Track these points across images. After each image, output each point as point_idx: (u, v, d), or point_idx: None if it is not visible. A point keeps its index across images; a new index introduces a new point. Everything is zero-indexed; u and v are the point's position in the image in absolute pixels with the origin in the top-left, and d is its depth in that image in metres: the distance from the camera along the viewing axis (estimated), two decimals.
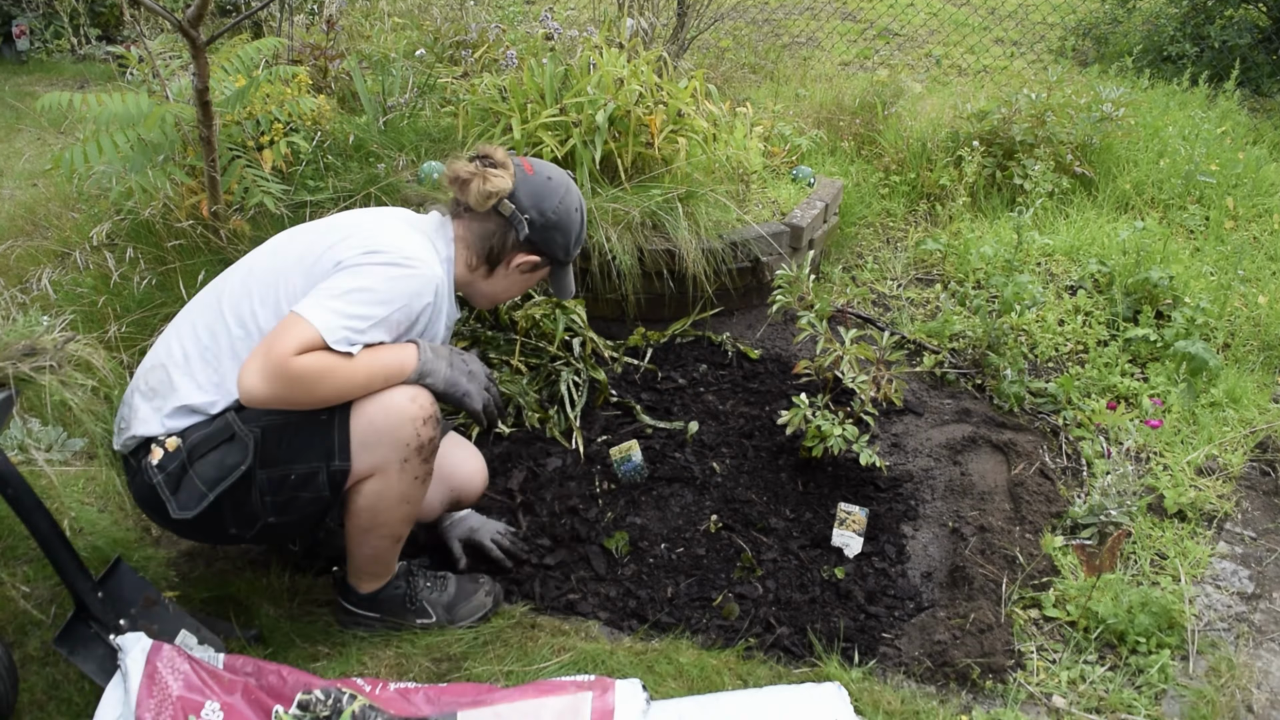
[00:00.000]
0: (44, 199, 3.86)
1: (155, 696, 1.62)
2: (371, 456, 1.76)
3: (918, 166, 4.26)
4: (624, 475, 2.56)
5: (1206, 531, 2.39)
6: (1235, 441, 2.71)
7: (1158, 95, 4.95)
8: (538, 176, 1.95)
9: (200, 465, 1.75)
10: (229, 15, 5.92)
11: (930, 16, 7.25)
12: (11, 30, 6.31)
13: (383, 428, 1.74)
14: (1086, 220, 3.92)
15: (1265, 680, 1.96)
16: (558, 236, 1.97)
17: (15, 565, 2.16)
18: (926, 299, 3.55)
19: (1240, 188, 4.09)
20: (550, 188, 1.95)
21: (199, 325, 1.83)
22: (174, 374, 1.80)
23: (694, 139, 3.37)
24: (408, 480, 1.81)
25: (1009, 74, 5.84)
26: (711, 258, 3.21)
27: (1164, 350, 3.05)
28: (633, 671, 1.92)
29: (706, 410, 2.86)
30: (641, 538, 2.39)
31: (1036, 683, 1.96)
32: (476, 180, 1.89)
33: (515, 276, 2.01)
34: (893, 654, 2.06)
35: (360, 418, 1.74)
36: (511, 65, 3.64)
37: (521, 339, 2.90)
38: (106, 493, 2.38)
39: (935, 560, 2.36)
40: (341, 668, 1.94)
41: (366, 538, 1.90)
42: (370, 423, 1.74)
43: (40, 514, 1.70)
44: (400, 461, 1.77)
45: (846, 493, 2.55)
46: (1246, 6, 5.81)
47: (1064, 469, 2.64)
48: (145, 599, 1.88)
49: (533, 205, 1.92)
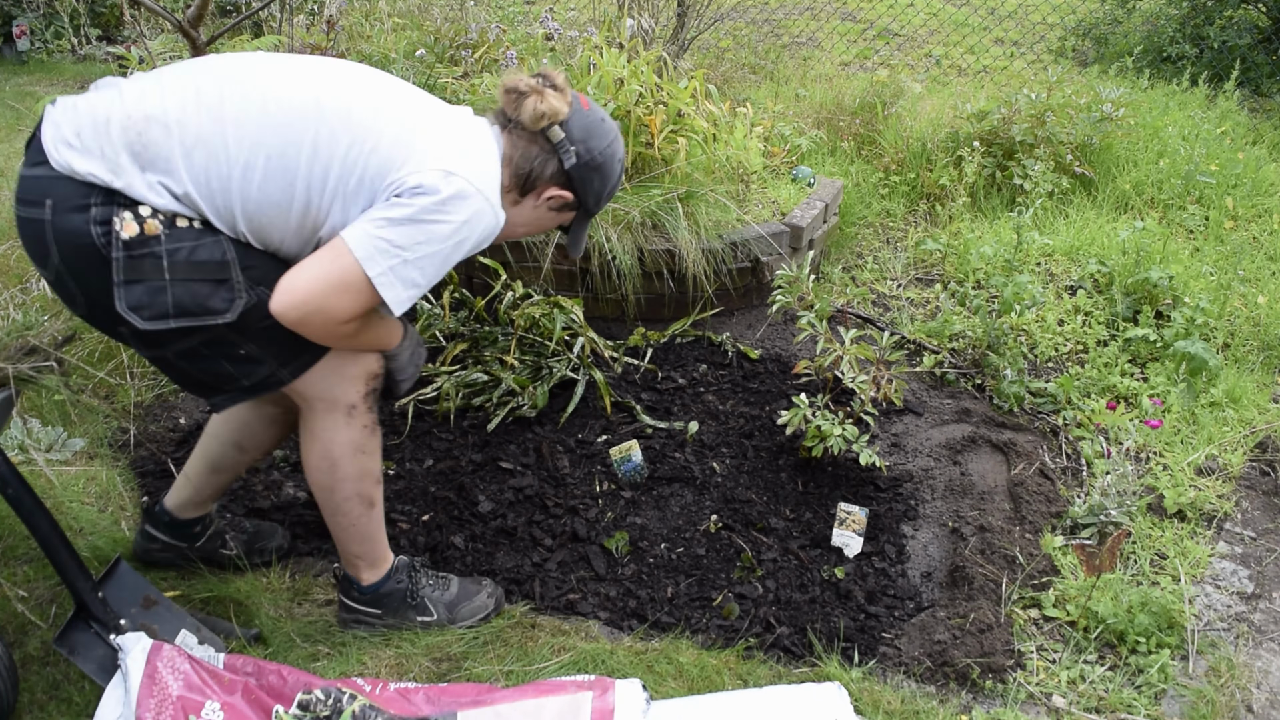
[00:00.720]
0: None
1: (155, 696, 1.62)
2: (317, 386, 1.74)
3: (918, 166, 4.27)
4: (624, 475, 2.56)
5: (1206, 531, 2.39)
6: (1235, 441, 2.71)
7: (1157, 95, 4.95)
8: (593, 114, 1.85)
9: (177, 286, 1.55)
10: (229, 15, 5.93)
11: (930, 17, 7.25)
12: (12, 30, 6.31)
13: (340, 370, 1.75)
14: (1086, 220, 3.92)
15: (1265, 680, 1.96)
16: (596, 180, 1.85)
17: (15, 565, 2.16)
18: (926, 299, 3.55)
19: (1240, 188, 4.09)
20: (603, 128, 1.85)
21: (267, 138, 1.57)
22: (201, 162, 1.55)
23: (694, 139, 3.37)
24: (356, 428, 1.80)
25: (1009, 74, 5.85)
26: (711, 258, 3.21)
27: (1164, 350, 3.05)
28: (633, 671, 1.92)
29: (706, 410, 2.86)
30: (641, 538, 2.39)
31: (1036, 683, 1.96)
32: (534, 97, 1.76)
33: (543, 211, 1.88)
34: (893, 654, 2.06)
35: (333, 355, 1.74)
36: (512, 65, 3.64)
37: (520, 335, 2.90)
38: (106, 493, 2.38)
39: (935, 560, 2.36)
40: (341, 668, 1.94)
41: (333, 499, 1.86)
42: (337, 359, 1.74)
43: (40, 514, 1.70)
44: (348, 408, 1.78)
45: (846, 493, 2.55)
46: (1246, 7, 5.82)
47: (1064, 469, 2.64)
48: (145, 599, 1.88)
49: (582, 139, 1.81)
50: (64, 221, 1.51)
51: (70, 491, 2.33)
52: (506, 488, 2.52)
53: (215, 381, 1.69)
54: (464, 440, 2.71)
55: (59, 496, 2.27)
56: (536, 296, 2.99)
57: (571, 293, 3.24)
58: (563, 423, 2.76)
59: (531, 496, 2.50)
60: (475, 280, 3.31)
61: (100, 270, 1.53)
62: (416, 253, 1.61)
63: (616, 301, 3.25)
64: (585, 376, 2.86)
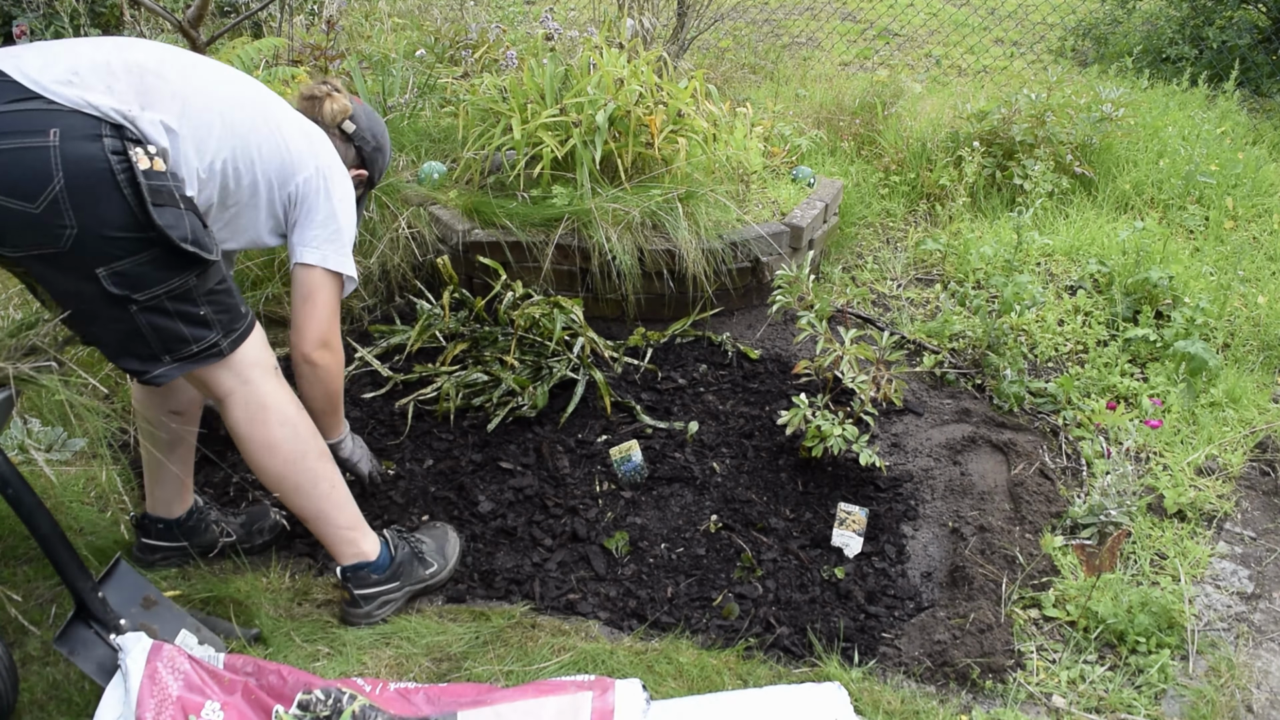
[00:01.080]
0: None
1: (155, 696, 1.62)
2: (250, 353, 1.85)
3: (917, 166, 4.27)
4: (624, 475, 2.57)
5: (1206, 531, 2.39)
6: (1235, 441, 2.71)
7: (1157, 95, 4.95)
8: (366, 106, 2.20)
9: (188, 216, 1.68)
10: (229, 15, 5.93)
11: (930, 17, 7.25)
12: (12, 30, 6.31)
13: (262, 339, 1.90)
14: (1086, 220, 3.92)
15: (1265, 680, 1.96)
16: (380, 159, 2.21)
17: (15, 565, 2.16)
18: (926, 299, 3.55)
19: (1240, 188, 4.10)
20: (377, 118, 2.21)
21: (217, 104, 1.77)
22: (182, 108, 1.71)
23: (694, 139, 3.37)
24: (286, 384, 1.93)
25: (1009, 74, 5.85)
26: (711, 258, 3.21)
27: (1164, 350, 3.05)
28: (633, 671, 1.92)
29: (706, 410, 2.86)
30: (641, 538, 2.39)
31: (1036, 682, 1.96)
32: (329, 100, 2.09)
33: None
34: (893, 654, 2.06)
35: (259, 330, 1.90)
36: (512, 65, 3.65)
37: (520, 335, 2.90)
38: (106, 493, 2.38)
39: (935, 560, 2.36)
40: (341, 667, 1.94)
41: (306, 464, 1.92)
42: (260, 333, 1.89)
43: (40, 514, 1.70)
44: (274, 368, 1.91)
45: (846, 493, 2.55)
46: (1246, 7, 5.82)
47: (1064, 469, 2.64)
48: (145, 599, 1.88)
49: (369, 128, 2.16)
50: (76, 149, 1.54)
51: (70, 491, 2.33)
52: (506, 488, 2.52)
53: (164, 344, 1.74)
54: (464, 440, 2.71)
55: (59, 496, 2.27)
56: (536, 296, 2.99)
57: (571, 293, 3.24)
58: (563, 423, 2.76)
59: (531, 496, 2.50)
60: (475, 280, 3.31)
61: (109, 196, 1.57)
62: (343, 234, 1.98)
63: (616, 301, 3.25)
64: (585, 376, 2.86)
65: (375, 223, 3.28)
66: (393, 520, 2.43)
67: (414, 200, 3.39)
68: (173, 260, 1.67)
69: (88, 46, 1.67)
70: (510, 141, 3.28)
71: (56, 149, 1.53)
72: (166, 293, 1.68)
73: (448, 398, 2.77)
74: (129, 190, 1.58)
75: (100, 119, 1.58)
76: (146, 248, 1.63)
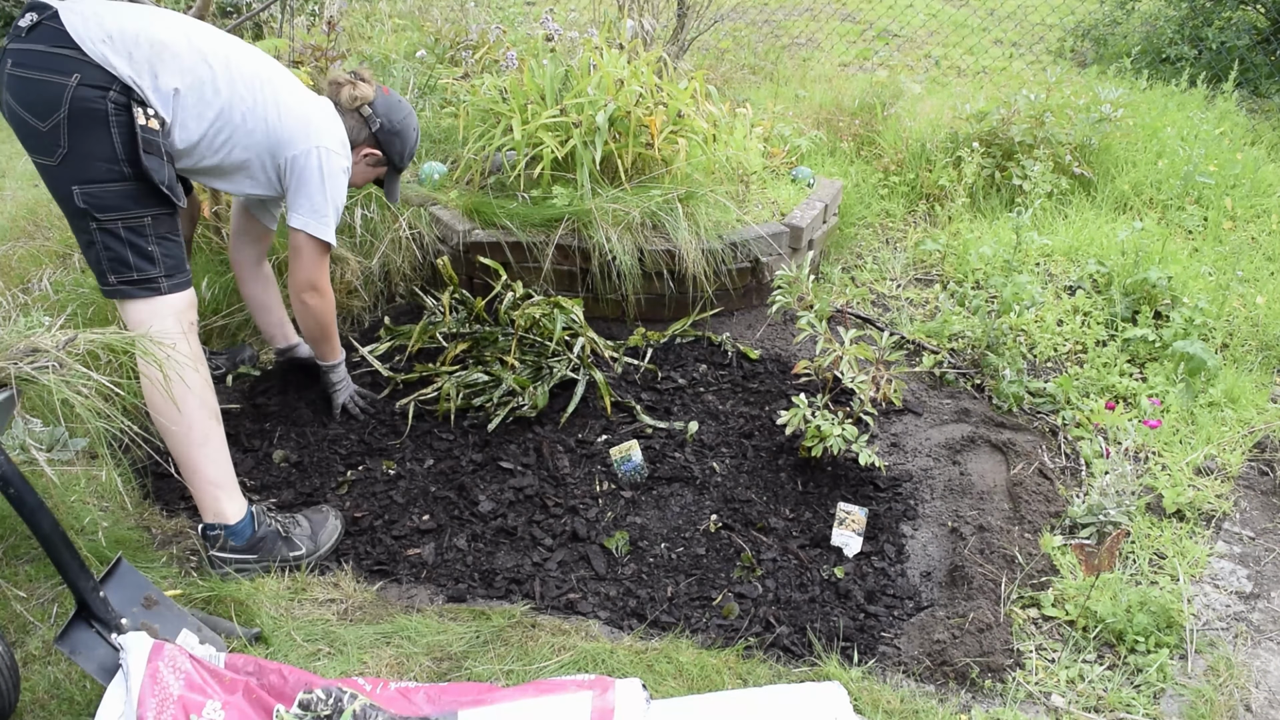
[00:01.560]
0: (46, 200, 3.87)
1: (157, 696, 1.62)
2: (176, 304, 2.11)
3: (917, 167, 4.27)
4: (624, 475, 2.57)
5: (1205, 531, 2.40)
6: (1233, 441, 2.71)
7: (1156, 96, 4.96)
8: (392, 97, 2.59)
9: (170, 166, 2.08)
10: (230, 16, 5.93)
11: (929, 17, 7.26)
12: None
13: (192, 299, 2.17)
14: (1085, 221, 3.93)
15: (1263, 679, 1.97)
16: (397, 142, 2.58)
17: (17, 565, 2.16)
18: (926, 299, 3.55)
19: (1238, 188, 4.10)
20: (400, 107, 2.59)
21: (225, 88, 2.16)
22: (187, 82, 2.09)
23: (694, 140, 3.37)
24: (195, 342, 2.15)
25: (1008, 75, 5.85)
26: (711, 258, 3.22)
27: (1162, 350, 3.06)
28: (633, 671, 1.93)
29: (706, 410, 2.87)
30: (641, 537, 2.39)
31: (1035, 682, 1.97)
32: (348, 86, 2.50)
33: (363, 166, 2.58)
34: (892, 653, 2.07)
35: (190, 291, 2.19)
36: (512, 66, 3.65)
37: (520, 334, 2.91)
38: (108, 493, 2.38)
39: (934, 560, 2.37)
40: (342, 667, 1.94)
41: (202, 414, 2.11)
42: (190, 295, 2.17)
43: (42, 514, 1.71)
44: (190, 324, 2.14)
45: (846, 492, 2.56)
46: (1244, 8, 5.83)
47: (1063, 469, 2.65)
48: (147, 598, 1.88)
49: (384, 114, 2.55)
50: (86, 94, 1.95)
51: (72, 491, 2.33)
52: (507, 488, 2.52)
53: (112, 265, 2.05)
54: (464, 440, 2.71)
55: (60, 496, 2.28)
56: (537, 297, 3.00)
57: (571, 293, 3.25)
58: (563, 423, 2.77)
59: (532, 496, 2.50)
60: (476, 281, 3.32)
61: (98, 133, 1.97)
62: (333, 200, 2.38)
63: (616, 302, 3.26)
64: (585, 376, 2.87)
65: (376, 223, 3.29)
66: (393, 520, 2.43)
67: (415, 200, 3.39)
68: (140, 196, 2.02)
69: (129, 15, 2.05)
70: (511, 142, 3.28)
71: (71, 89, 1.94)
72: (123, 220, 2.02)
73: (448, 398, 2.78)
74: (118, 132, 1.97)
75: (115, 77, 1.97)
76: (120, 180, 2.00)
